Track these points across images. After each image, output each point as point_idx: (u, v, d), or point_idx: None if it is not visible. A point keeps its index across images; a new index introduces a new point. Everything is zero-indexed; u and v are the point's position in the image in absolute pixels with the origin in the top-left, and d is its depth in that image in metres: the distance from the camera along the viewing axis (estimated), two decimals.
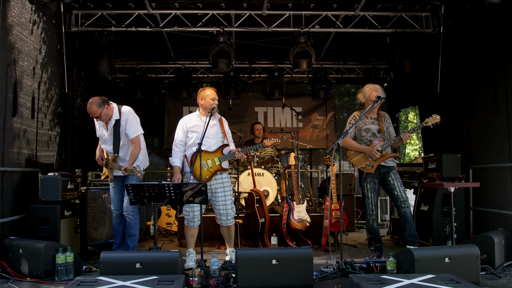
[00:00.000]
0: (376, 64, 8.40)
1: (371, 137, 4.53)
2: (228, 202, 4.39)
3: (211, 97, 4.42)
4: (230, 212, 4.39)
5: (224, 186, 4.40)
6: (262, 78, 8.81)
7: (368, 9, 6.14)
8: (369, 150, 4.45)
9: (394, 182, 4.48)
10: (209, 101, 4.41)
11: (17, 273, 3.78)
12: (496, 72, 4.82)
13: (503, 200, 4.70)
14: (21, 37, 4.54)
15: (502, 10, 4.65)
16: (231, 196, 4.44)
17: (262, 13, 6.07)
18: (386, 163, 4.51)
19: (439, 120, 4.39)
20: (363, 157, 4.51)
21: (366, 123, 4.59)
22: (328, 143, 8.94)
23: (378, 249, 4.51)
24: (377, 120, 4.61)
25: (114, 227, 4.58)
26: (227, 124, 4.64)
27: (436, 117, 4.39)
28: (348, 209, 6.69)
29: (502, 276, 3.77)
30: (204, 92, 4.47)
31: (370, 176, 4.51)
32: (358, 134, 4.62)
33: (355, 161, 4.56)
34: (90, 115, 4.37)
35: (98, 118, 4.37)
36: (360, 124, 4.59)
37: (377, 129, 4.57)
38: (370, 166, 4.47)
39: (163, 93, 8.95)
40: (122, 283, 2.92)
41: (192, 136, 4.43)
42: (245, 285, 3.32)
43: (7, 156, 4.23)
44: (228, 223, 4.42)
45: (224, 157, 4.37)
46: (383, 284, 2.92)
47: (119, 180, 4.54)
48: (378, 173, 4.53)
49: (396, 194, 4.46)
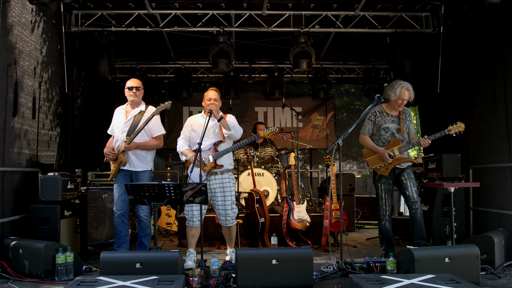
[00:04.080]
0: (376, 64, 8.40)
1: (390, 137, 4.41)
2: (228, 203, 4.36)
3: (207, 98, 4.44)
4: (229, 213, 4.37)
5: (224, 187, 4.38)
6: (262, 78, 8.81)
7: (368, 9, 6.14)
8: (382, 152, 4.35)
9: (406, 182, 4.39)
10: (206, 101, 4.44)
11: (17, 273, 3.77)
12: (495, 72, 4.82)
13: (503, 200, 4.70)
14: (22, 37, 4.54)
15: (502, 10, 4.65)
16: (231, 197, 4.40)
17: (262, 13, 6.07)
18: (401, 165, 4.41)
19: (463, 129, 4.21)
20: (379, 157, 4.41)
21: (386, 121, 4.43)
22: (328, 143, 8.95)
23: (390, 249, 4.43)
24: (398, 119, 4.44)
25: (116, 227, 4.53)
26: (232, 119, 4.54)
27: (461, 125, 4.21)
28: (348, 209, 6.69)
29: (502, 276, 3.77)
30: (205, 93, 4.51)
31: (384, 177, 4.43)
32: (376, 132, 4.47)
33: (369, 160, 4.47)
34: (131, 83, 4.54)
35: (136, 90, 4.52)
36: (380, 121, 4.44)
37: (396, 129, 4.43)
38: (384, 168, 4.38)
39: (163, 93, 8.96)
40: (122, 283, 2.92)
41: (193, 136, 4.47)
42: (245, 285, 3.32)
43: (8, 156, 4.23)
44: (228, 224, 4.41)
45: (217, 154, 4.35)
46: (383, 284, 2.92)
47: (126, 179, 4.49)
48: (393, 174, 4.44)
49: (407, 194, 4.38)
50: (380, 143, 4.46)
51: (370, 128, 4.50)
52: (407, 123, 4.49)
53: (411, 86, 4.41)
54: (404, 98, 4.33)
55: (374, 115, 4.47)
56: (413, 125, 4.64)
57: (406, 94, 4.33)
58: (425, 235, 4.37)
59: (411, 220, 4.38)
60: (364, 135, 4.52)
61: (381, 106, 4.47)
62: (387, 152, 4.34)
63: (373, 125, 4.48)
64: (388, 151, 4.35)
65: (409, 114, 4.55)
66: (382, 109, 4.48)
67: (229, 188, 4.40)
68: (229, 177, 4.44)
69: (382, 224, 4.49)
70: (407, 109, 4.57)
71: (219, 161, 4.36)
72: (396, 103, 4.36)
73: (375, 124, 4.47)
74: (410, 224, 4.40)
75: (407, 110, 4.55)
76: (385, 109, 4.48)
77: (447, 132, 4.26)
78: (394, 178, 4.47)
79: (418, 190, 5.64)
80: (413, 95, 4.41)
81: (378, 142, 4.48)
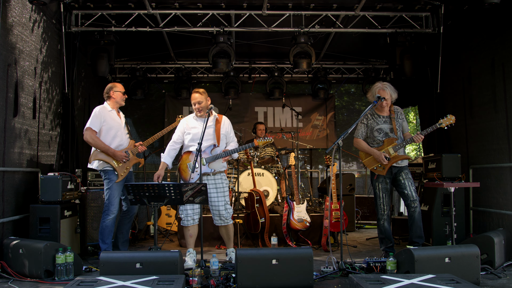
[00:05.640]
0: (376, 64, 8.40)
1: (383, 137, 4.45)
2: (221, 203, 4.36)
3: (192, 102, 4.50)
4: (223, 213, 4.37)
5: (216, 187, 4.38)
6: (262, 78, 8.81)
7: (368, 9, 6.15)
8: (377, 154, 4.39)
9: (405, 182, 4.41)
10: (193, 105, 4.49)
11: (17, 273, 3.77)
12: (495, 72, 4.83)
13: (503, 200, 4.70)
14: (22, 37, 4.54)
15: (502, 10, 4.65)
16: (225, 197, 4.41)
17: (262, 13, 6.07)
18: (398, 164, 4.44)
19: (454, 121, 4.27)
20: (374, 158, 4.45)
21: (378, 123, 4.49)
22: (328, 143, 8.95)
23: (390, 249, 4.45)
24: (390, 118, 4.50)
25: (109, 228, 4.46)
26: (227, 124, 4.57)
27: (451, 117, 4.27)
28: (348, 209, 6.68)
29: (502, 276, 3.77)
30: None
31: (382, 177, 4.46)
32: (370, 134, 4.52)
33: (366, 162, 4.51)
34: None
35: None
36: (372, 123, 4.50)
37: (389, 128, 4.47)
38: (381, 168, 4.41)
39: (163, 93, 8.96)
40: (122, 283, 2.92)
41: (187, 138, 4.47)
42: (245, 285, 3.32)
43: (8, 156, 4.23)
44: (222, 223, 4.41)
45: (210, 157, 4.34)
46: (383, 284, 2.92)
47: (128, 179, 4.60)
48: (390, 173, 4.47)
49: (406, 193, 4.40)
50: (375, 144, 4.50)
51: (364, 131, 4.54)
52: (399, 121, 4.53)
53: (389, 84, 4.50)
54: (380, 95, 4.38)
55: (366, 118, 4.53)
56: (406, 123, 4.67)
57: (381, 92, 4.40)
58: (423, 234, 4.39)
59: (410, 218, 4.41)
60: (358, 139, 4.55)
61: (372, 109, 4.52)
62: (383, 154, 4.37)
63: (366, 128, 4.53)
64: (384, 153, 4.38)
65: (401, 112, 4.59)
66: (373, 112, 4.54)
67: (222, 188, 4.40)
68: (221, 178, 4.44)
69: (381, 223, 4.51)
70: (398, 108, 4.61)
71: (211, 165, 4.37)
72: (380, 104, 4.42)
73: (368, 126, 4.52)
74: (408, 223, 4.43)
75: (398, 109, 4.59)
76: (376, 111, 4.54)
77: (438, 126, 4.29)
78: (392, 177, 4.50)
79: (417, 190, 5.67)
80: (394, 93, 4.45)
81: (373, 143, 4.51)
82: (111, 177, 4.46)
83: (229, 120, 4.66)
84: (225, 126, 4.54)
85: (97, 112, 4.46)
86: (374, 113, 4.53)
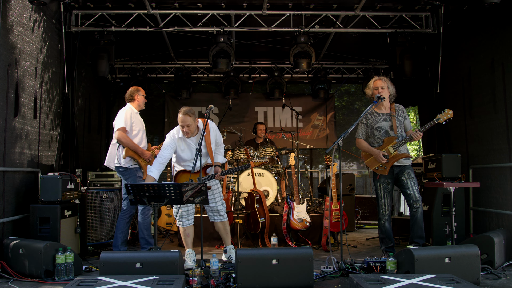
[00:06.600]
0: (376, 64, 8.40)
1: (383, 135, 4.42)
2: (218, 199, 4.39)
3: (180, 124, 4.23)
4: (220, 208, 4.39)
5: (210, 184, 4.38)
6: (262, 78, 8.81)
7: (368, 9, 6.15)
8: (376, 153, 4.37)
9: (407, 182, 4.38)
10: (181, 127, 4.25)
11: (17, 273, 3.78)
12: (494, 72, 4.83)
13: (503, 200, 4.71)
14: (23, 37, 4.55)
15: (502, 10, 4.65)
16: (219, 193, 4.43)
17: (262, 13, 6.07)
18: (400, 163, 4.40)
19: (452, 116, 4.22)
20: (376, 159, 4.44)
21: (378, 121, 4.45)
22: (328, 143, 8.95)
23: (390, 249, 4.44)
24: (390, 116, 4.46)
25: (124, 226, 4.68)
26: (214, 132, 4.40)
27: (449, 112, 4.22)
28: (348, 209, 6.68)
29: (502, 276, 3.77)
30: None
31: (383, 177, 4.44)
32: (370, 133, 4.50)
33: (368, 162, 4.49)
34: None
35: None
36: (372, 122, 4.47)
37: (389, 126, 4.43)
38: (383, 168, 4.39)
39: (163, 93, 8.96)
40: (122, 283, 2.93)
41: (179, 159, 4.39)
42: (245, 285, 3.32)
43: (9, 156, 4.23)
44: (221, 219, 4.43)
45: (205, 178, 4.27)
46: (383, 284, 2.92)
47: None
48: (392, 173, 4.44)
49: (409, 193, 4.37)
50: (376, 143, 4.48)
51: (364, 130, 4.54)
52: (400, 119, 4.49)
53: (385, 77, 4.52)
54: (377, 85, 4.39)
55: (365, 117, 4.51)
56: (409, 121, 4.63)
57: (378, 83, 4.41)
58: (424, 234, 4.37)
59: (412, 218, 4.39)
60: (359, 139, 4.55)
61: (372, 108, 4.49)
62: (381, 153, 4.35)
63: (366, 127, 4.53)
64: (383, 151, 4.36)
65: (402, 110, 4.55)
66: (372, 110, 4.51)
67: (216, 185, 4.41)
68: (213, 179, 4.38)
69: (381, 223, 4.50)
70: (400, 106, 4.57)
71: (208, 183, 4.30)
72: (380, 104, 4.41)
73: (368, 126, 4.51)
74: (410, 222, 4.41)
75: (399, 106, 4.56)
76: (375, 109, 4.52)
77: (436, 122, 4.26)
78: (394, 177, 4.48)
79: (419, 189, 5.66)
80: (392, 87, 4.45)
81: (374, 143, 4.50)
82: (138, 174, 4.67)
83: (214, 124, 4.51)
84: (213, 135, 4.38)
85: (129, 113, 4.69)
86: (374, 111, 4.51)
